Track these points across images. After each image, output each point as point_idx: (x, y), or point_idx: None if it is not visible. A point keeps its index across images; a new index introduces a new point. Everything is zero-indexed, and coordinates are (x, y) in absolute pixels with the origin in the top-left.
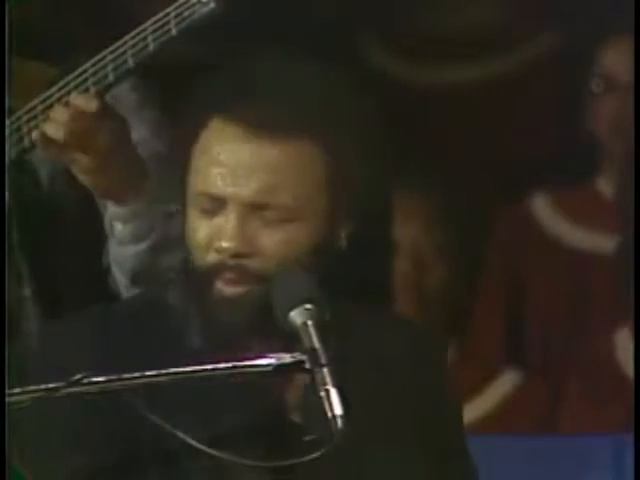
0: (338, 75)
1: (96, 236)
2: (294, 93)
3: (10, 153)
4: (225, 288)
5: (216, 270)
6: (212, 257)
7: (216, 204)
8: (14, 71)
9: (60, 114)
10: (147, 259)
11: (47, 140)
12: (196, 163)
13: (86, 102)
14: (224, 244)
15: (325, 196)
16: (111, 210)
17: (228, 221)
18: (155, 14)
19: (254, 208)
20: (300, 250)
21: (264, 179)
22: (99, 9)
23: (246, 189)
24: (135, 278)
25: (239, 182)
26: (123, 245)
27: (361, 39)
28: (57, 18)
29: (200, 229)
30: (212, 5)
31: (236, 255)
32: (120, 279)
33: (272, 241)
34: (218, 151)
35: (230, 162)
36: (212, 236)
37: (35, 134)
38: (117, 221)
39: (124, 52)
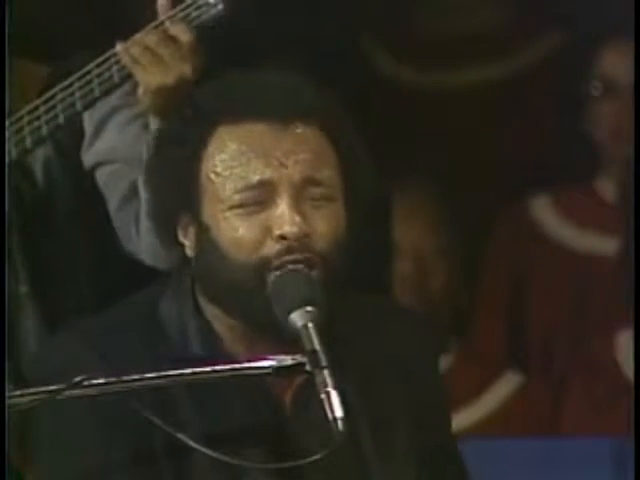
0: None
1: (93, 233)
2: (289, 89)
3: (11, 154)
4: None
5: (276, 260)
6: (268, 249)
7: (262, 194)
8: (14, 71)
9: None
10: None
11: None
12: (213, 169)
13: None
14: (287, 228)
15: (340, 181)
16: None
17: (282, 206)
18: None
19: (304, 186)
20: (341, 230)
21: (307, 157)
22: (98, 9)
23: (293, 169)
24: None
25: (285, 163)
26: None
27: (364, 42)
28: (54, 17)
29: (242, 227)
30: (220, 7)
31: (305, 236)
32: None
33: (322, 220)
34: (244, 147)
35: (268, 149)
36: (266, 229)
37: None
38: None
39: None
